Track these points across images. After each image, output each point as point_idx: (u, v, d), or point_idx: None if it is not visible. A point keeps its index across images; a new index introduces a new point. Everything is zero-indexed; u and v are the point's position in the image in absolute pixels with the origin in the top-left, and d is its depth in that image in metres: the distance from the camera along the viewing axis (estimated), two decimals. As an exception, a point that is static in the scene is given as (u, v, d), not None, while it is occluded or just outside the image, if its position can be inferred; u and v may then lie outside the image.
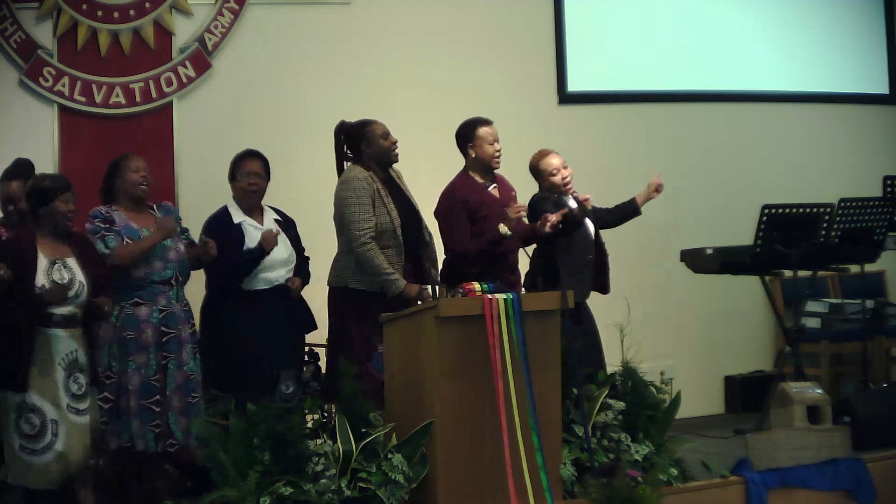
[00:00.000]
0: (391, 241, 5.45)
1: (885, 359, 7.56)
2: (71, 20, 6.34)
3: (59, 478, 4.60)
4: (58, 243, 4.73)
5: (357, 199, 5.42)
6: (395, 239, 5.46)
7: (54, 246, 4.71)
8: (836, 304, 7.58)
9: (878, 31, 8.35)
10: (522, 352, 4.91)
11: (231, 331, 5.38)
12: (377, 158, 5.54)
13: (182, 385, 5.10)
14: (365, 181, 5.45)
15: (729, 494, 5.42)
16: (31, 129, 6.26)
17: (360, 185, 5.44)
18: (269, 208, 5.66)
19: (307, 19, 6.82)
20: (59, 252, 4.71)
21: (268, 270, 5.45)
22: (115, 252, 5.02)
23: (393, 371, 5.09)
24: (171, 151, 6.48)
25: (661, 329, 7.38)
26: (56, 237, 4.73)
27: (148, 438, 5.01)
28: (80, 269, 4.72)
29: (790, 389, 5.75)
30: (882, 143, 8.26)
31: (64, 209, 4.72)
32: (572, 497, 5.12)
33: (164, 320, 5.10)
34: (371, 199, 5.43)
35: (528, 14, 7.38)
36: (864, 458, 5.74)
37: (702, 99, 7.84)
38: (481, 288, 5.00)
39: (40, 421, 4.58)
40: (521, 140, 6.31)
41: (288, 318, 5.51)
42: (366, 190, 5.43)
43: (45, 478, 4.59)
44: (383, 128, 5.57)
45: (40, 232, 4.72)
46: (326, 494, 4.63)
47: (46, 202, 4.70)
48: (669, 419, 5.57)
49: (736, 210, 7.45)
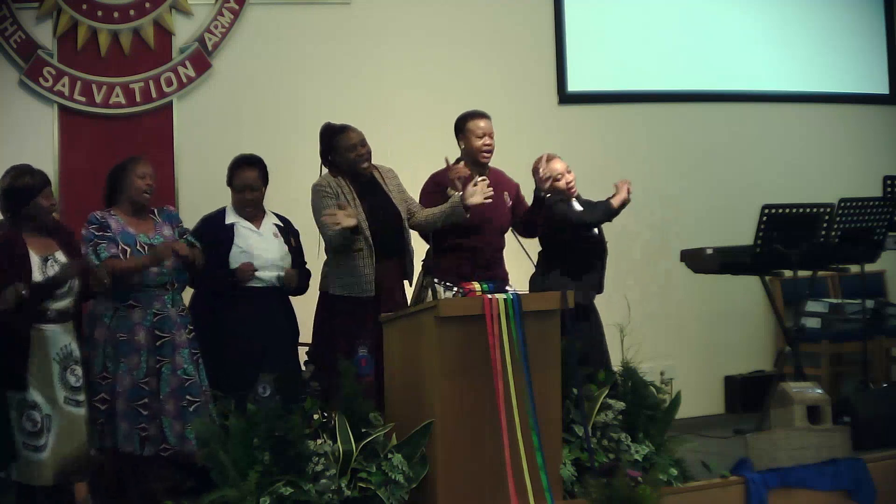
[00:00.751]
0: (361, 244, 5.45)
1: (885, 359, 7.56)
2: (71, 20, 6.34)
3: (53, 473, 4.61)
4: (44, 239, 4.74)
5: (321, 203, 5.46)
6: (365, 241, 5.45)
7: (41, 242, 4.72)
8: (836, 304, 7.58)
9: (878, 31, 8.35)
10: (522, 352, 4.91)
11: (219, 329, 5.37)
12: (342, 167, 5.56)
13: (177, 389, 5.08)
14: (328, 186, 5.51)
15: (729, 494, 5.42)
16: (31, 129, 6.26)
17: (323, 191, 5.50)
18: (272, 213, 5.64)
19: (307, 19, 6.82)
20: (47, 248, 4.72)
21: (260, 270, 5.44)
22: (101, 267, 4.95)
23: (393, 371, 5.09)
24: (171, 151, 6.48)
25: (661, 329, 7.38)
26: (41, 233, 4.73)
27: (134, 441, 4.99)
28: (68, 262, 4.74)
29: (790, 389, 5.75)
30: (882, 143, 8.26)
31: (46, 205, 4.72)
32: (572, 497, 5.12)
33: (157, 324, 5.08)
34: (336, 203, 5.43)
35: (528, 14, 7.38)
36: (864, 458, 5.73)
37: (702, 99, 7.84)
38: (481, 288, 5.01)
39: (40, 417, 4.59)
40: (521, 140, 6.32)
41: (277, 320, 5.49)
42: (329, 194, 5.47)
43: (44, 474, 4.60)
44: (355, 138, 5.54)
45: (25, 230, 4.71)
46: (326, 494, 4.63)
47: (28, 200, 4.70)
48: (669, 419, 5.57)
49: (736, 210, 7.45)
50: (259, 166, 5.58)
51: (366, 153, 5.56)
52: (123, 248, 5.08)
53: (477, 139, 5.72)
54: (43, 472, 4.60)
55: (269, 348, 5.37)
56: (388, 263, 5.52)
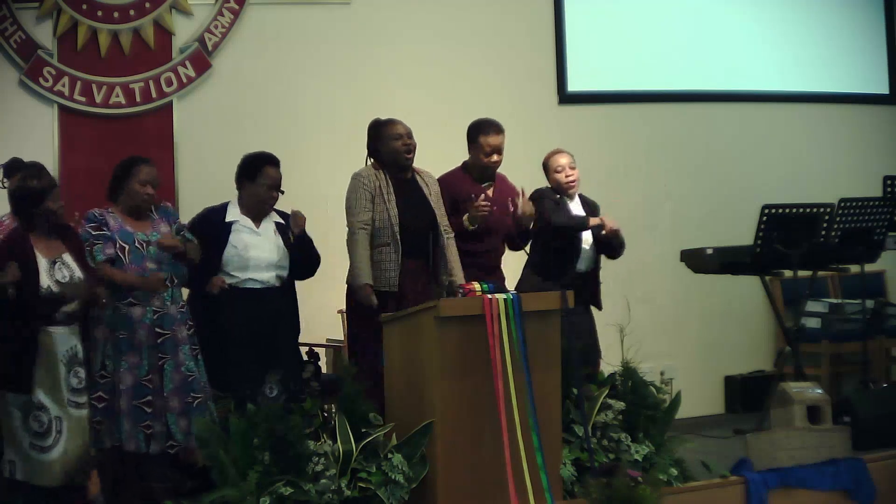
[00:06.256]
0: (388, 239, 5.51)
1: (885, 359, 7.57)
2: (71, 20, 6.34)
3: (61, 474, 4.61)
4: (52, 241, 4.72)
5: (356, 194, 5.55)
6: (392, 237, 5.49)
7: (49, 245, 4.71)
8: (836, 304, 7.58)
9: (878, 31, 8.36)
10: (522, 352, 4.91)
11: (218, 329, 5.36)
12: (387, 158, 5.59)
13: (180, 386, 5.08)
14: (367, 178, 5.57)
15: (729, 494, 5.41)
16: (31, 129, 6.26)
17: (361, 181, 5.57)
18: (273, 211, 5.63)
19: (307, 19, 6.82)
20: (55, 251, 4.71)
21: (255, 271, 5.43)
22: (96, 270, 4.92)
23: (393, 371, 5.09)
24: (171, 151, 6.48)
25: (661, 329, 7.39)
26: (50, 235, 4.73)
27: (139, 439, 4.99)
28: (76, 265, 4.73)
29: (790, 389, 5.75)
30: (882, 143, 8.27)
31: (55, 207, 4.71)
32: (572, 497, 5.12)
33: (158, 321, 5.07)
34: (371, 194, 5.53)
35: (528, 14, 7.38)
36: (864, 458, 5.73)
37: (702, 99, 7.85)
38: (481, 288, 5.01)
39: (47, 419, 4.59)
40: (521, 140, 6.32)
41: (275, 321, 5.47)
42: (366, 186, 5.54)
43: (52, 475, 4.60)
44: (400, 129, 5.62)
45: (33, 233, 4.71)
46: (326, 494, 4.63)
47: (37, 203, 4.69)
48: (669, 419, 5.57)
49: (736, 210, 7.46)
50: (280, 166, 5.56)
51: (412, 145, 5.61)
52: (122, 245, 5.06)
53: (485, 157, 5.77)
54: (51, 471, 4.60)
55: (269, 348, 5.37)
56: (412, 264, 5.54)
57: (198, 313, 5.36)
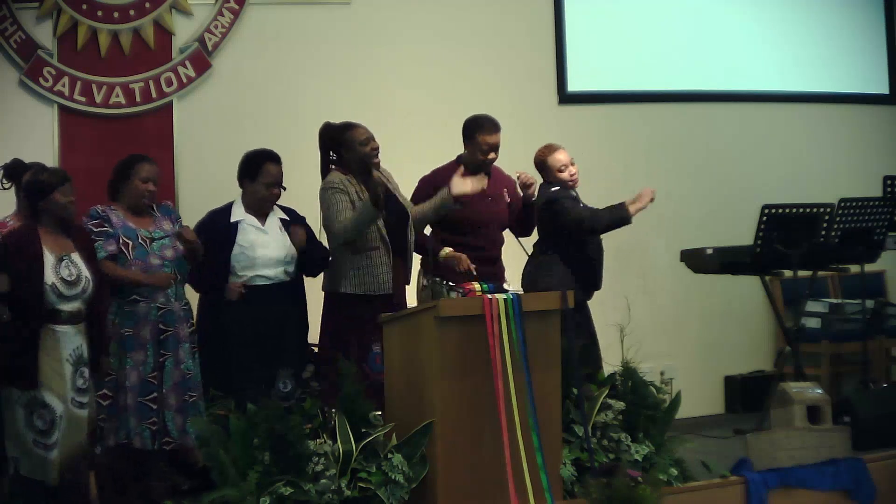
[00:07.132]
0: (377, 242, 5.47)
1: (885, 359, 7.57)
2: (71, 20, 6.34)
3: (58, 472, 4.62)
4: (60, 238, 4.72)
5: (335, 199, 5.43)
6: (382, 239, 5.47)
7: (58, 241, 4.70)
8: (836, 304, 7.58)
9: (878, 31, 8.35)
10: (522, 352, 4.91)
11: (227, 328, 5.37)
12: (356, 164, 5.54)
13: (179, 383, 5.10)
14: (341, 184, 5.47)
15: (729, 494, 5.42)
16: (31, 129, 6.26)
17: (335, 188, 5.46)
18: (277, 207, 5.63)
19: (307, 19, 6.82)
20: (63, 248, 4.70)
21: (263, 268, 5.44)
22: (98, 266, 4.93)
23: (393, 371, 5.09)
24: (171, 151, 6.48)
25: (661, 329, 7.39)
26: (58, 231, 4.72)
27: (145, 436, 5.01)
28: (84, 264, 4.72)
29: (790, 389, 5.75)
30: (882, 143, 8.26)
31: (63, 201, 4.71)
32: (572, 497, 5.12)
33: (162, 317, 5.09)
34: (350, 200, 5.44)
35: (528, 14, 7.38)
36: (864, 458, 5.73)
37: (702, 99, 7.85)
38: (481, 288, 5.01)
39: (51, 417, 4.59)
40: (521, 140, 6.31)
41: (285, 317, 5.49)
42: (343, 192, 5.45)
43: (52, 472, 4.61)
44: (364, 133, 5.54)
45: (42, 227, 4.71)
46: (326, 494, 4.63)
47: (44, 196, 4.69)
48: (669, 419, 5.57)
49: (736, 210, 7.46)
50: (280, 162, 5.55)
51: (377, 147, 5.56)
52: (125, 241, 5.08)
53: (482, 154, 5.74)
54: (51, 469, 4.60)
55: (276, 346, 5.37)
56: (396, 262, 5.54)
57: (205, 314, 5.37)
